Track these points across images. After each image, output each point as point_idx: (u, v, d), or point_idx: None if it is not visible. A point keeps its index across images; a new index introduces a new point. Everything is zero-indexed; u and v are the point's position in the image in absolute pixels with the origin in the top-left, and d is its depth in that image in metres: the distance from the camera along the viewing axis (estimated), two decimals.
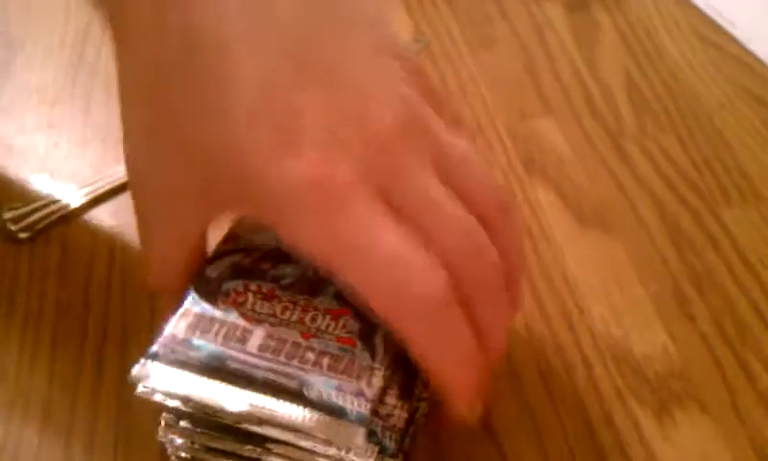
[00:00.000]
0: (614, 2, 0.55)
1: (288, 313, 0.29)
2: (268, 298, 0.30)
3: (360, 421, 0.27)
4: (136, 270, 0.39)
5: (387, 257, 0.27)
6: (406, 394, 0.30)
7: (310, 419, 0.27)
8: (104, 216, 0.42)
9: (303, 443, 0.28)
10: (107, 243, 0.40)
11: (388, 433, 0.29)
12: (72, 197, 0.42)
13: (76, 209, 0.42)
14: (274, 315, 0.29)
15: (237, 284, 0.30)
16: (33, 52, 0.51)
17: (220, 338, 0.29)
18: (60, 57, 0.51)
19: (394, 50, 0.32)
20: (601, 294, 0.38)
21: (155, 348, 0.29)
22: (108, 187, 0.43)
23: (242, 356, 0.28)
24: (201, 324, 0.29)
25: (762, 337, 0.37)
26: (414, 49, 0.51)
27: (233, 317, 0.29)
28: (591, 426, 0.34)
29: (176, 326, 0.29)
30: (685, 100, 0.48)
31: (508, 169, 0.44)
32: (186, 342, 0.29)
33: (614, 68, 0.51)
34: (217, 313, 0.30)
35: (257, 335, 0.29)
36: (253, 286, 0.30)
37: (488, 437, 0.33)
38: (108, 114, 0.47)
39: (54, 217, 0.41)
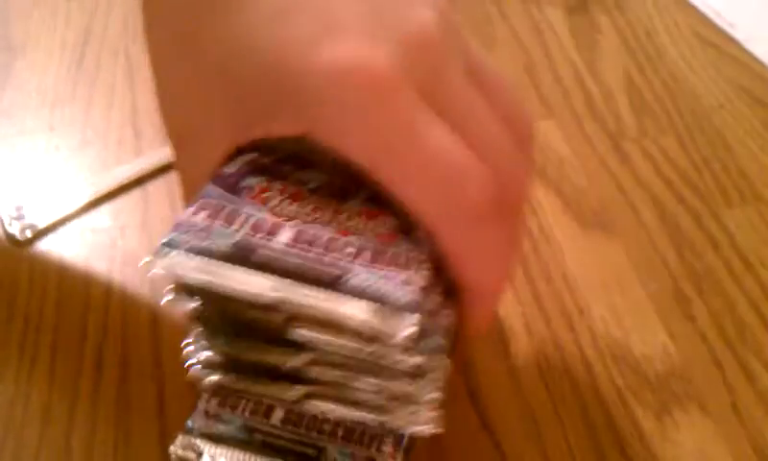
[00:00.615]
0: (614, 3, 0.55)
1: (320, 213, 0.26)
2: (295, 198, 0.26)
3: (410, 307, 0.23)
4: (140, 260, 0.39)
5: (436, 156, 0.26)
6: (451, 294, 0.27)
7: (352, 306, 0.23)
8: (104, 218, 0.42)
9: (341, 341, 0.24)
10: (107, 245, 0.40)
11: (438, 331, 0.26)
12: (72, 199, 0.42)
13: (76, 211, 0.42)
14: (304, 214, 0.26)
15: (261, 180, 0.27)
16: (33, 54, 0.51)
17: (246, 228, 0.25)
18: (61, 59, 0.51)
19: None
20: (601, 294, 0.38)
21: (171, 235, 0.25)
22: (108, 189, 0.43)
23: (271, 248, 0.24)
24: (223, 214, 0.26)
25: (762, 337, 0.37)
26: None
27: (259, 211, 0.26)
28: (591, 426, 0.34)
29: (194, 213, 0.26)
30: (685, 101, 0.48)
31: None
32: (207, 229, 0.25)
33: (614, 69, 0.51)
34: (241, 206, 0.26)
35: (288, 229, 0.25)
36: (278, 185, 0.27)
37: (488, 437, 0.33)
38: (108, 116, 0.47)
39: (54, 219, 0.41)
